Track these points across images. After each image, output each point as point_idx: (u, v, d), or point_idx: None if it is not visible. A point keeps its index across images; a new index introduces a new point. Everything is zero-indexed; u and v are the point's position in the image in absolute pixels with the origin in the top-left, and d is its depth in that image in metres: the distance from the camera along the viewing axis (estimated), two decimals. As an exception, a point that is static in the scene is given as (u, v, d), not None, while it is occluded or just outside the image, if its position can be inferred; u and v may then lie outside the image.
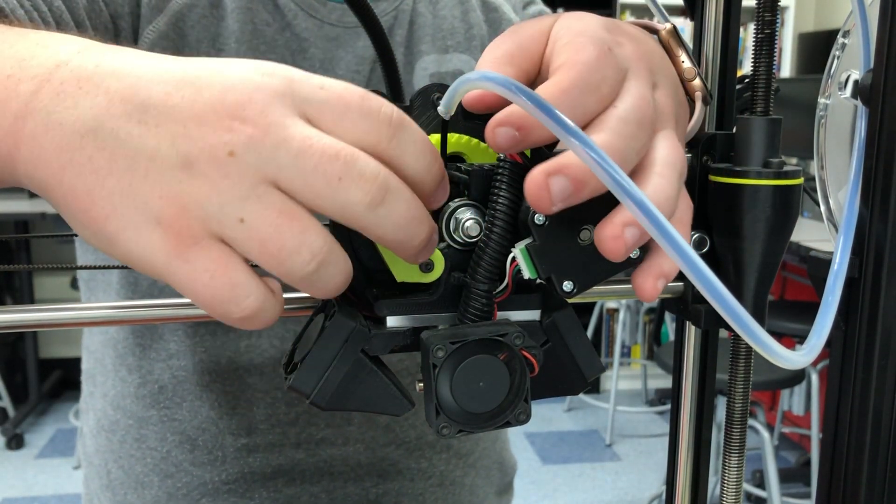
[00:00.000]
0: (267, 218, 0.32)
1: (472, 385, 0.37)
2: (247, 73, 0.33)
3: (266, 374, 0.73)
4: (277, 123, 0.32)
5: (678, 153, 0.39)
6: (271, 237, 0.32)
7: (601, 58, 0.37)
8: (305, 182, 0.32)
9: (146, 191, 0.32)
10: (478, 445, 0.85)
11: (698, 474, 0.53)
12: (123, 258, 0.33)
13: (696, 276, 0.30)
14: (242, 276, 0.33)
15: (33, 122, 0.33)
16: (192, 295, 0.33)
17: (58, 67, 0.34)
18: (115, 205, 0.32)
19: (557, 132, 0.31)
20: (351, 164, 0.32)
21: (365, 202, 0.33)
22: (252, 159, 0.32)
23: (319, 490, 0.76)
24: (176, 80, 0.33)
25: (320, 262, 0.33)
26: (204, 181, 0.32)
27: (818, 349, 0.35)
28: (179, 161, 0.32)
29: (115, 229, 0.33)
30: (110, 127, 0.32)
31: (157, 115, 0.32)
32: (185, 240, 0.32)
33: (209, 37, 0.67)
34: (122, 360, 0.76)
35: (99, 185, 0.32)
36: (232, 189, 0.32)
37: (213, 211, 0.32)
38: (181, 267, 0.32)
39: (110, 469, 0.78)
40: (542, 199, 0.34)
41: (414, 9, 0.76)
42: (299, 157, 0.32)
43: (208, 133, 0.32)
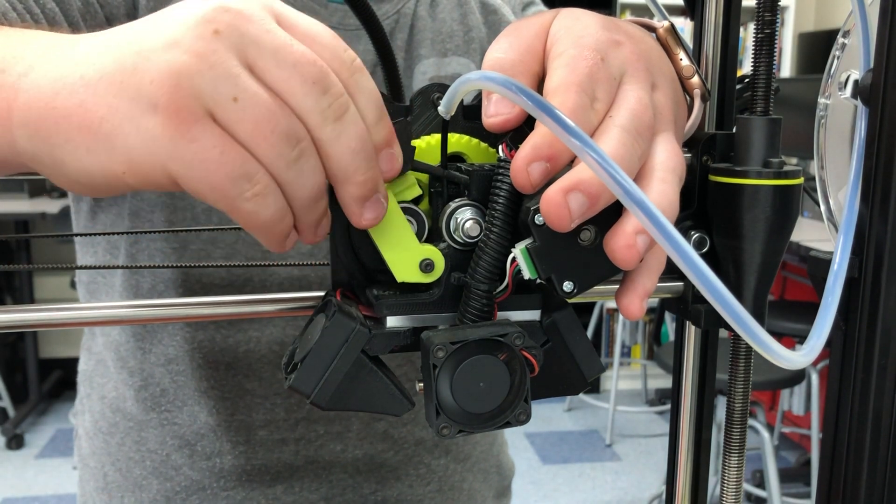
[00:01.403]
0: (260, 98, 0.32)
1: (473, 385, 0.37)
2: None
3: (265, 378, 0.73)
4: (260, 16, 0.33)
5: (678, 156, 0.39)
6: (266, 118, 0.32)
7: (594, 74, 0.38)
8: (283, 74, 0.33)
9: (137, 80, 0.32)
10: (476, 448, 0.85)
11: (698, 474, 0.53)
12: (124, 161, 0.33)
13: (700, 280, 0.30)
14: (245, 154, 0.33)
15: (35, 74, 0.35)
16: (204, 174, 0.32)
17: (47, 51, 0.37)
18: (109, 102, 0.33)
19: (559, 133, 0.31)
20: (325, 73, 0.33)
21: (327, 112, 0.33)
22: (236, 38, 0.32)
23: (318, 497, 0.76)
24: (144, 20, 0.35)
25: (302, 150, 0.34)
26: (192, 56, 0.32)
27: (818, 349, 0.35)
28: (165, 41, 0.32)
29: (111, 128, 0.32)
30: (103, 42, 0.34)
31: (142, 23, 0.35)
32: (186, 118, 0.32)
33: None
34: (123, 363, 0.76)
35: (91, 93, 0.33)
36: (222, 64, 0.32)
37: (207, 88, 0.32)
38: (188, 147, 0.32)
39: (107, 472, 0.78)
40: (562, 218, 0.34)
41: (415, 12, 0.76)
42: (281, 51, 0.33)
43: (193, 14, 0.33)
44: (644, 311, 0.40)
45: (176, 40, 0.32)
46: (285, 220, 0.35)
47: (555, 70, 0.38)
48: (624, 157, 0.36)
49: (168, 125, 0.32)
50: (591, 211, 0.35)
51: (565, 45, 0.39)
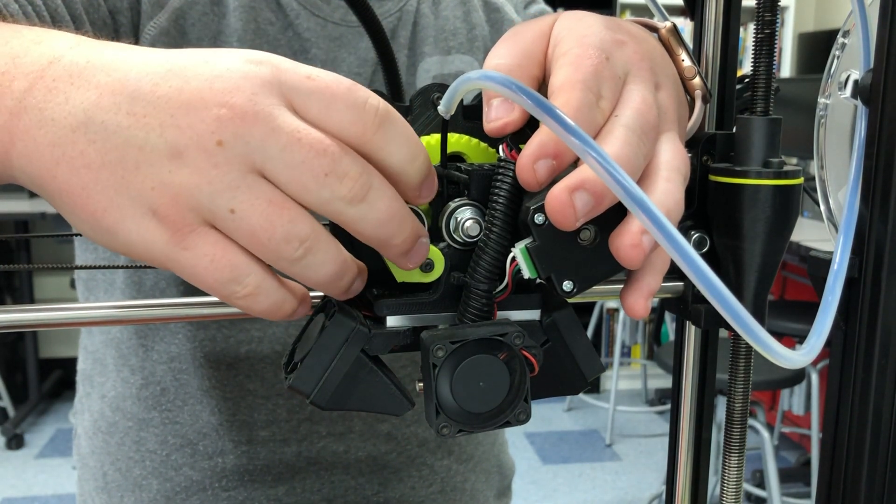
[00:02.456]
0: (257, 208, 0.32)
1: (472, 385, 0.37)
2: (234, 62, 0.34)
3: (267, 378, 0.72)
4: (265, 113, 0.32)
5: (682, 156, 0.39)
6: (262, 227, 0.33)
7: (599, 72, 0.38)
8: (292, 175, 0.33)
9: (139, 182, 0.32)
10: (477, 449, 0.85)
11: (698, 474, 0.53)
12: (124, 249, 0.34)
13: (700, 279, 0.30)
14: (240, 257, 0.34)
15: (27, 118, 0.34)
16: (195, 279, 0.34)
17: (51, 64, 0.35)
18: (111, 198, 0.33)
19: (559, 132, 0.31)
20: (337, 160, 0.33)
21: (348, 198, 0.33)
22: (240, 148, 0.32)
23: (320, 498, 0.76)
24: (164, 71, 0.33)
25: (307, 248, 0.34)
26: (193, 171, 0.32)
27: (818, 349, 0.35)
28: (168, 151, 0.32)
29: (112, 221, 0.33)
30: (100, 120, 0.33)
31: (145, 106, 0.33)
32: (182, 228, 0.33)
33: (210, 34, 0.67)
34: (124, 361, 0.75)
35: (93, 180, 0.33)
36: (221, 178, 0.32)
37: (205, 201, 0.32)
38: (181, 254, 0.33)
39: (106, 471, 0.78)
40: (567, 217, 0.34)
41: (418, 10, 0.75)
42: (287, 150, 0.32)
43: (196, 122, 0.32)
44: (649, 309, 0.40)
45: (179, 151, 0.32)
46: (284, 308, 0.36)
47: (559, 69, 0.38)
48: (629, 156, 0.36)
49: (164, 231, 0.33)
50: (597, 210, 0.35)
51: (569, 45, 0.39)
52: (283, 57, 0.35)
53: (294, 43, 0.70)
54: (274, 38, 0.69)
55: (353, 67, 0.72)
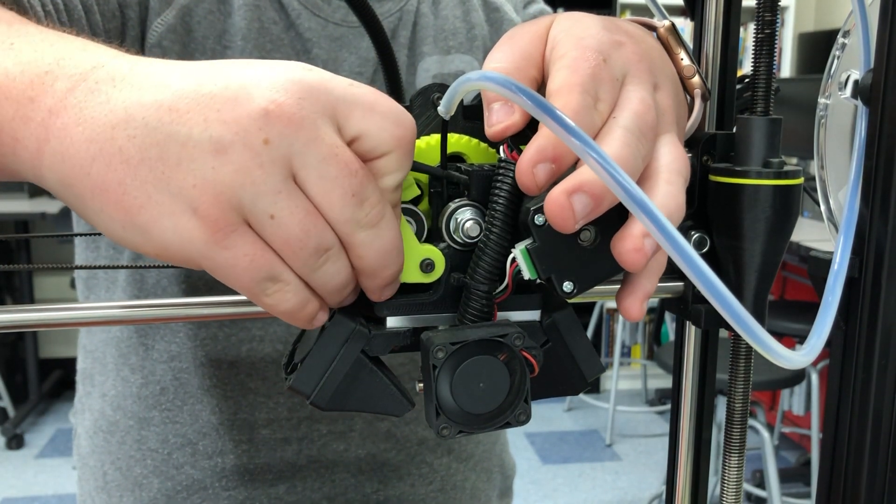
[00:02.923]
0: (295, 217, 0.33)
1: (473, 386, 0.37)
2: (283, 65, 0.34)
3: (268, 378, 0.73)
4: (311, 119, 0.32)
5: (682, 158, 0.39)
6: (297, 237, 0.33)
7: (596, 75, 0.38)
8: (324, 188, 0.33)
9: (180, 179, 0.32)
10: (478, 448, 0.85)
11: (698, 474, 0.53)
12: (158, 248, 0.33)
13: (701, 280, 0.30)
14: (275, 256, 0.34)
15: (66, 116, 0.34)
16: (231, 277, 0.33)
17: (94, 69, 0.35)
18: (150, 193, 0.32)
19: (560, 133, 0.31)
20: (364, 184, 0.34)
21: (364, 221, 0.34)
22: (285, 150, 0.32)
23: (321, 496, 0.76)
24: (208, 73, 0.33)
25: (329, 256, 0.34)
26: (238, 168, 0.32)
27: (818, 349, 0.35)
28: (212, 146, 0.32)
29: (149, 218, 0.33)
30: (141, 116, 0.32)
31: (188, 102, 0.32)
32: (224, 227, 0.32)
33: (216, 33, 0.67)
34: (124, 360, 0.76)
35: (131, 175, 0.32)
36: (266, 181, 0.32)
37: (247, 202, 0.32)
38: (221, 253, 0.33)
39: (107, 470, 0.78)
40: (566, 220, 0.35)
41: (418, 10, 0.75)
42: (325, 162, 0.33)
43: (243, 116, 0.32)
44: (644, 312, 0.40)
45: (224, 147, 0.32)
46: (307, 308, 0.36)
47: (557, 72, 0.38)
48: (627, 157, 0.36)
49: (204, 230, 0.32)
50: (596, 212, 0.35)
51: (566, 48, 0.39)
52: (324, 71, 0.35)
53: (296, 43, 0.70)
54: (277, 37, 0.69)
55: (354, 67, 0.72)
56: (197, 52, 0.67)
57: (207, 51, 0.67)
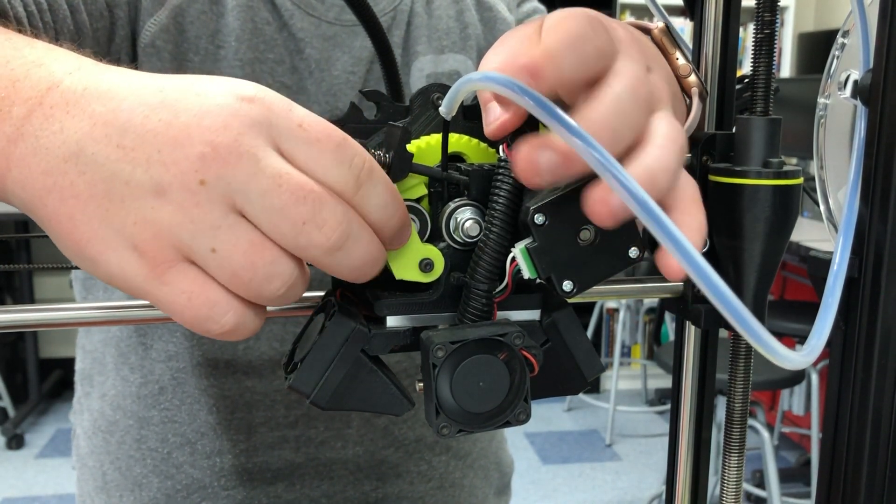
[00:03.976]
0: (238, 249, 0.33)
1: (472, 385, 0.37)
2: (226, 98, 0.33)
3: (265, 376, 0.73)
4: (249, 154, 0.32)
5: (678, 130, 0.38)
6: (243, 267, 0.33)
7: (594, 25, 0.37)
8: (270, 220, 0.33)
9: (122, 216, 0.33)
10: (475, 446, 0.85)
11: (698, 474, 0.53)
12: (105, 279, 0.34)
13: (698, 275, 0.30)
14: (219, 294, 0.34)
15: (24, 145, 0.34)
16: (172, 314, 0.34)
17: (49, 90, 0.35)
18: (95, 229, 0.33)
19: (561, 132, 0.31)
20: (317, 209, 0.33)
21: (325, 247, 0.33)
22: (222, 189, 0.32)
23: (319, 494, 0.76)
24: (156, 102, 0.33)
25: (289, 287, 0.34)
26: (176, 209, 0.32)
27: (819, 349, 0.35)
28: (152, 187, 0.32)
29: (95, 252, 0.33)
30: (91, 151, 0.33)
31: (133, 139, 0.33)
32: (161, 264, 0.33)
33: (208, 33, 0.67)
34: (124, 360, 0.76)
35: (80, 210, 0.33)
36: (203, 218, 0.32)
37: (186, 239, 0.33)
38: (160, 289, 0.33)
39: (106, 471, 0.78)
40: (529, 173, 0.34)
41: (412, 9, 0.75)
42: (267, 195, 0.32)
43: (180, 158, 0.32)
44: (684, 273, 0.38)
45: (163, 188, 0.32)
46: (247, 329, 0.36)
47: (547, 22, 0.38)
48: (614, 125, 0.35)
49: (144, 265, 0.33)
50: (563, 172, 0.34)
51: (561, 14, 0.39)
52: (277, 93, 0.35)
53: (289, 43, 0.70)
54: (271, 37, 0.69)
55: (347, 67, 0.72)
56: (190, 51, 0.67)
57: (201, 50, 0.67)
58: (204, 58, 0.67)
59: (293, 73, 0.70)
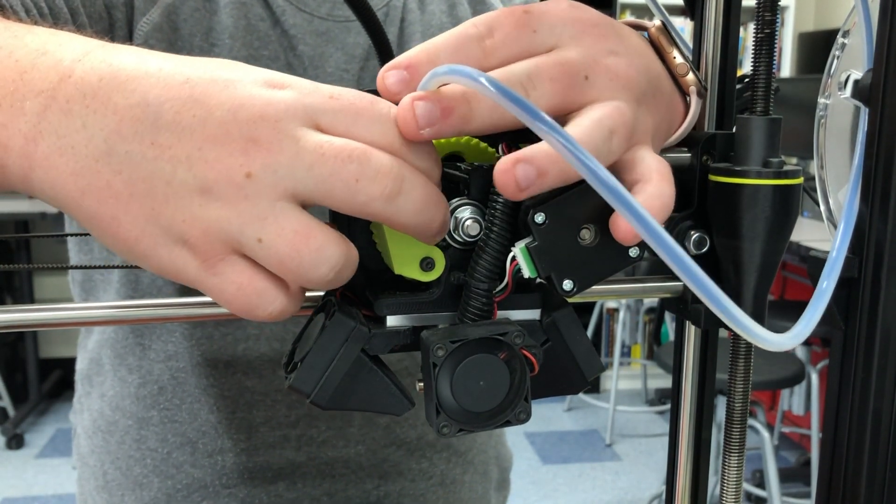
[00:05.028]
0: (284, 238, 0.33)
1: (473, 384, 0.37)
2: (256, 88, 0.34)
3: (265, 376, 0.73)
4: (290, 137, 0.33)
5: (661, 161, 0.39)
6: (289, 256, 0.33)
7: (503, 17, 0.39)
8: (324, 189, 0.33)
9: (169, 215, 0.33)
10: (475, 443, 0.85)
11: (698, 474, 0.53)
12: (157, 271, 0.35)
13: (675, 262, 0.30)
14: (267, 284, 0.35)
15: (45, 144, 0.34)
16: (222, 302, 0.35)
17: (62, 82, 0.34)
18: (142, 227, 0.33)
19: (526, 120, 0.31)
20: (365, 163, 0.33)
21: (384, 196, 0.34)
22: (269, 178, 0.32)
23: (321, 493, 0.76)
24: (185, 96, 0.33)
25: (337, 272, 0.34)
26: (223, 204, 0.33)
27: (804, 335, 0.36)
28: (197, 186, 0.33)
29: (146, 249, 0.34)
30: (124, 150, 0.33)
31: (169, 137, 0.33)
32: (212, 257, 0.34)
33: (202, 31, 0.67)
34: (121, 360, 0.76)
35: (122, 211, 0.33)
36: (251, 210, 0.33)
37: (234, 233, 0.33)
38: (211, 279, 0.34)
39: (107, 470, 0.78)
40: (507, 187, 0.35)
41: (405, 6, 0.75)
42: (314, 167, 0.33)
43: (224, 155, 0.32)
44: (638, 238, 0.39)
45: (209, 186, 0.32)
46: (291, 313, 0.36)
47: None
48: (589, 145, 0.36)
49: (196, 258, 0.34)
50: (540, 183, 0.34)
51: None
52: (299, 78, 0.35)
53: (283, 40, 0.70)
54: (265, 34, 0.69)
55: (340, 64, 0.71)
56: (184, 50, 0.66)
57: (195, 48, 0.67)
58: (198, 56, 0.67)
59: (287, 69, 0.69)
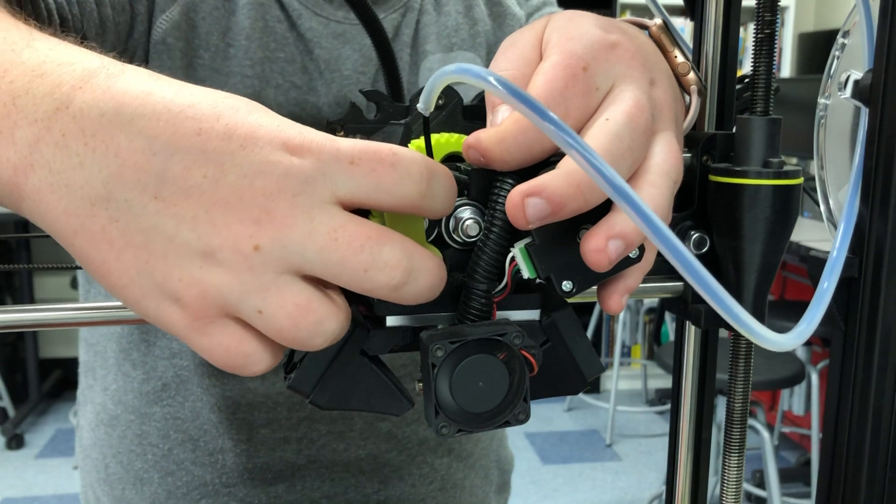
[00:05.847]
0: (285, 311, 0.32)
1: (472, 385, 0.36)
2: (275, 153, 0.31)
3: (267, 378, 0.73)
4: (306, 215, 0.31)
5: (675, 157, 0.38)
6: (288, 329, 0.32)
7: (569, 86, 0.37)
8: (331, 273, 0.32)
9: (165, 270, 0.31)
10: (477, 446, 0.85)
11: (698, 474, 0.53)
12: (145, 317, 0.33)
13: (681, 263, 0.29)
14: (256, 346, 0.33)
15: (36, 178, 0.32)
16: (207, 359, 0.34)
17: (58, 112, 0.32)
18: (133, 278, 0.32)
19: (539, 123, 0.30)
20: (377, 254, 0.32)
21: (390, 286, 0.33)
22: (278, 253, 0.31)
23: (320, 495, 0.76)
24: (196, 151, 0.31)
25: (332, 340, 0.34)
26: (226, 271, 0.31)
27: (806, 335, 0.36)
28: (201, 248, 0.31)
29: (134, 298, 0.33)
30: (123, 197, 0.31)
31: (175, 193, 0.31)
32: (203, 318, 0.32)
33: (220, 30, 0.67)
34: (126, 355, 0.76)
35: (114, 258, 0.32)
36: (254, 281, 0.31)
37: (234, 300, 0.32)
38: (199, 339, 0.33)
39: (108, 463, 0.78)
40: (517, 219, 0.35)
41: (421, 7, 0.75)
42: (325, 251, 0.31)
43: (233, 223, 0.31)
44: (623, 306, 0.40)
45: (213, 251, 0.31)
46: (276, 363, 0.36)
47: (533, 78, 0.38)
48: (613, 154, 0.36)
49: (185, 317, 0.32)
50: (554, 216, 0.34)
51: (552, 50, 0.39)
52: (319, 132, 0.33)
53: (299, 43, 0.70)
54: (282, 35, 0.69)
55: (357, 66, 0.71)
56: (201, 48, 0.67)
57: (211, 47, 0.67)
58: (214, 55, 0.67)
59: (304, 72, 0.70)
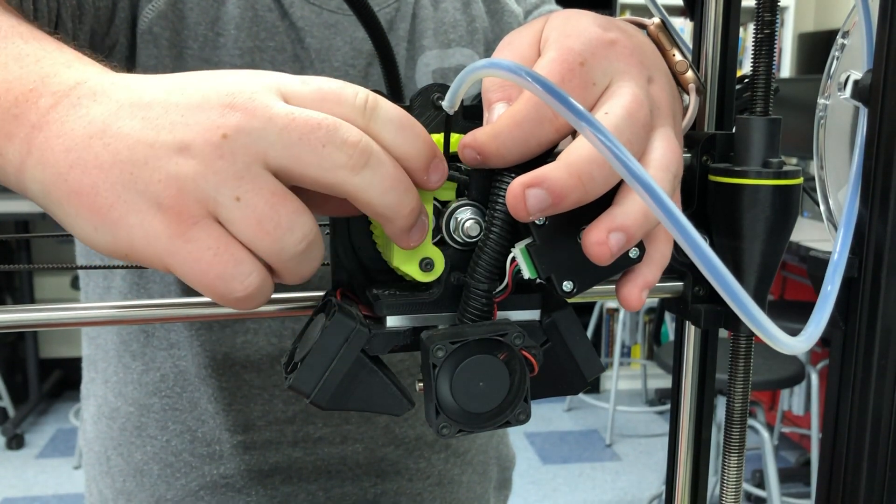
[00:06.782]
0: (262, 195, 0.34)
1: (472, 385, 0.37)
2: (242, 74, 0.36)
3: (263, 370, 0.73)
4: (264, 105, 0.34)
5: (674, 153, 0.39)
6: (267, 214, 0.34)
7: (565, 80, 0.38)
8: (292, 153, 0.34)
9: (146, 176, 0.34)
10: (474, 443, 0.85)
11: (698, 474, 0.53)
12: (126, 246, 0.34)
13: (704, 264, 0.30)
14: (243, 252, 0.34)
15: (48, 130, 0.35)
16: (195, 274, 0.34)
17: (77, 85, 0.37)
18: (119, 193, 0.34)
19: (569, 117, 0.31)
20: (333, 131, 0.34)
21: (349, 165, 0.34)
22: (243, 139, 0.33)
23: (317, 488, 0.76)
24: (179, 84, 0.36)
25: (309, 242, 0.35)
26: (200, 162, 0.33)
27: (816, 337, 0.36)
28: (176, 145, 0.34)
29: (117, 216, 0.34)
30: (116, 126, 0.34)
31: (158, 111, 0.35)
32: (186, 220, 0.33)
33: (208, 20, 0.67)
34: (125, 347, 0.76)
35: (103, 178, 0.34)
36: (227, 168, 0.33)
37: (210, 190, 0.33)
38: (183, 247, 0.34)
39: (110, 456, 0.78)
40: (518, 211, 0.35)
41: (417, 2, 0.75)
42: (284, 132, 0.34)
43: (202, 119, 0.34)
44: (643, 302, 0.40)
45: (186, 144, 0.34)
46: (262, 295, 0.36)
47: None
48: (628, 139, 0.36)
49: (169, 224, 0.34)
50: (554, 208, 0.35)
51: (549, 48, 0.40)
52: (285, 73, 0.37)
53: (290, 32, 0.69)
54: (272, 25, 0.69)
55: (347, 59, 0.71)
56: (189, 38, 0.66)
57: (199, 37, 0.66)
58: (203, 45, 0.66)
59: (294, 62, 0.69)
